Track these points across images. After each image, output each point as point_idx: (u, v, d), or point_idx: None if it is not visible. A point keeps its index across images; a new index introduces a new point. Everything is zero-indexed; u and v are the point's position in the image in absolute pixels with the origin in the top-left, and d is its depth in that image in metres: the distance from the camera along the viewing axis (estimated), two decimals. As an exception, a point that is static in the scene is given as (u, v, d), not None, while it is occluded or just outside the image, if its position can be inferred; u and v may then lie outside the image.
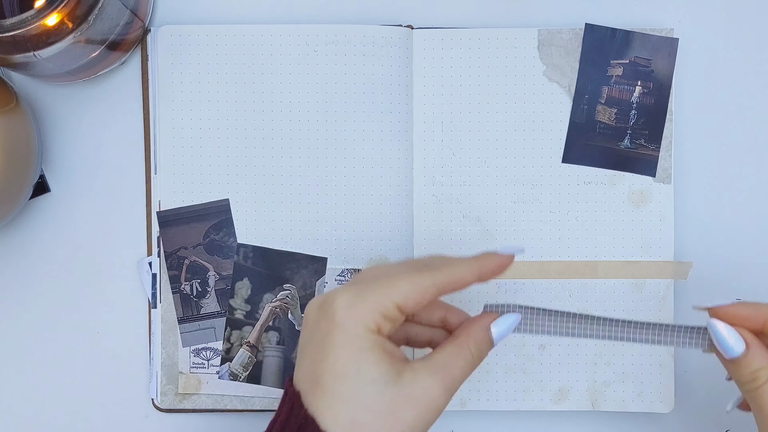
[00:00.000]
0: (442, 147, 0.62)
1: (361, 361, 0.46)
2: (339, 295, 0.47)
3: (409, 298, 0.47)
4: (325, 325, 0.47)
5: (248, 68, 0.62)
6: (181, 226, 0.62)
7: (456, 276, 0.48)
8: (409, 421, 0.46)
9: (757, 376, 0.48)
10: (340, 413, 0.45)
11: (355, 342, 0.46)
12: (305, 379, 0.47)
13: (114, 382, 0.63)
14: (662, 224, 0.62)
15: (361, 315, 0.46)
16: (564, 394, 0.62)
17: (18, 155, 0.57)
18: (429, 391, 0.46)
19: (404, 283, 0.47)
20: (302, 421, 0.46)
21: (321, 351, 0.46)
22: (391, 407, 0.45)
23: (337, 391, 0.45)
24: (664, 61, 0.62)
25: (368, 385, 0.45)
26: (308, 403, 0.46)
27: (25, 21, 0.51)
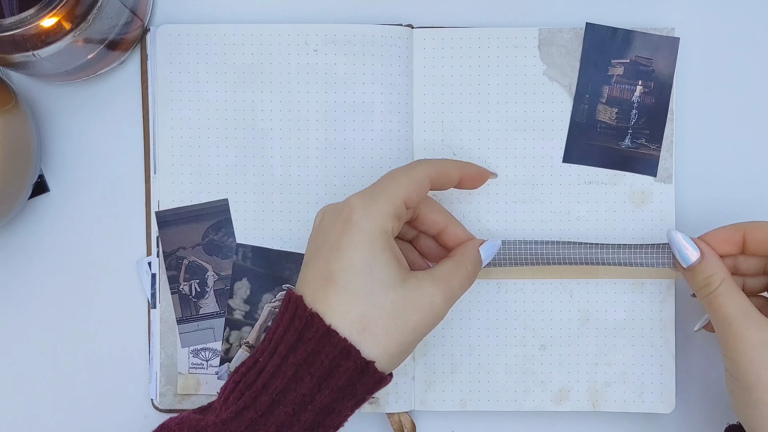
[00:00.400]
0: (442, 147, 0.62)
1: (373, 261, 0.50)
2: (353, 199, 0.51)
3: (411, 191, 0.52)
4: (341, 226, 0.51)
5: (248, 68, 0.62)
6: (180, 226, 0.62)
7: (445, 168, 0.54)
8: (412, 322, 0.50)
9: (710, 281, 0.54)
10: (352, 308, 0.49)
11: (370, 242, 0.50)
12: (314, 280, 0.50)
13: (113, 382, 0.63)
14: (663, 224, 0.62)
15: (376, 215, 0.50)
16: (564, 395, 0.62)
17: (17, 155, 0.57)
18: (431, 298, 0.51)
19: (405, 178, 0.52)
20: (307, 318, 0.49)
21: (336, 250, 0.50)
22: (397, 307, 0.50)
23: (350, 287, 0.49)
24: (665, 60, 0.61)
25: (378, 284, 0.50)
26: (313, 302, 0.50)
27: (24, 21, 0.51)
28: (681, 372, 0.63)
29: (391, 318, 0.50)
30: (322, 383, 0.49)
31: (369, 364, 0.49)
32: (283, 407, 0.49)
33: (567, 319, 0.62)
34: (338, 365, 0.49)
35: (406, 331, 0.50)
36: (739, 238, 0.55)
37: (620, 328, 0.62)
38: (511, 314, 0.62)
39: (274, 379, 0.49)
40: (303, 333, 0.49)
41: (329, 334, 0.49)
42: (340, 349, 0.49)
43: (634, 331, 0.62)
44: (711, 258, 0.55)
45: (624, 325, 0.62)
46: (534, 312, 0.62)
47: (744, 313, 0.53)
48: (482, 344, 0.62)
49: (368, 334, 0.49)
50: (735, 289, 0.54)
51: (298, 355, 0.49)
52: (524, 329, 0.62)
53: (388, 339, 0.49)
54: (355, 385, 0.49)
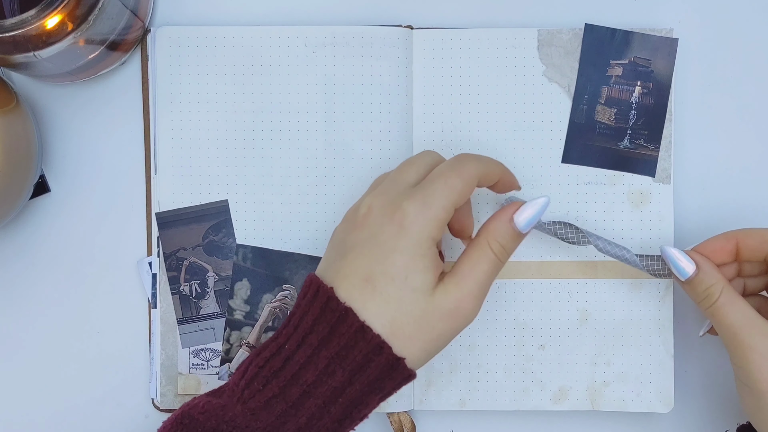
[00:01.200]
0: (442, 147, 0.62)
1: (410, 269, 0.50)
2: (407, 204, 0.50)
3: (464, 195, 0.51)
4: (391, 228, 0.50)
5: (248, 69, 0.62)
6: (180, 227, 0.62)
7: (490, 168, 0.53)
8: (438, 330, 0.51)
9: (710, 292, 0.54)
10: (384, 311, 0.50)
11: (415, 248, 0.50)
12: (352, 275, 0.50)
13: (114, 382, 0.63)
14: (662, 224, 0.62)
15: (427, 223, 0.50)
16: (563, 394, 0.62)
17: (18, 155, 0.57)
18: (458, 304, 0.51)
19: (458, 181, 0.51)
20: (341, 313, 0.49)
21: (381, 252, 0.50)
22: (425, 315, 0.50)
23: (385, 292, 0.50)
24: (664, 61, 0.62)
25: (411, 291, 0.50)
26: (348, 297, 0.50)
27: (25, 21, 0.51)
28: (679, 371, 0.63)
29: (417, 325, 0.50)
30: (354, 377, 0.50)
31: (400, 360, 0.50)
32: (314, 399, 0.49)
33: (566, 319, 0.62)
34: (370, 360, 0.49)
35: (430, 339, 0.51)
36: (732, 246, 0.56)
37: (619, 328, 0.62)
38: (510, 314, 0.62)
39: (305, 371, 0.50)
40: (336, 326, 0.50)
41: (363, 330, 0.49)
42: (374, 345, 0.49)
43: (633, 330, 0.62)
44: (708, 269, 0.55)
45: (623, 325, 0.62)
46: (533, 312, 0.62)
47: (748, 321, 0.53)
48: (481, 344, 0.62)
49: (396, 338, 0.50)
50: (736, 297, 0.54)
51: (331, 348, 0.49)
52: (523, 329, 0.62)
53: (413, 345, 0.50)
54: (385, 380, 0.50)
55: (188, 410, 0.50)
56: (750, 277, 0.58)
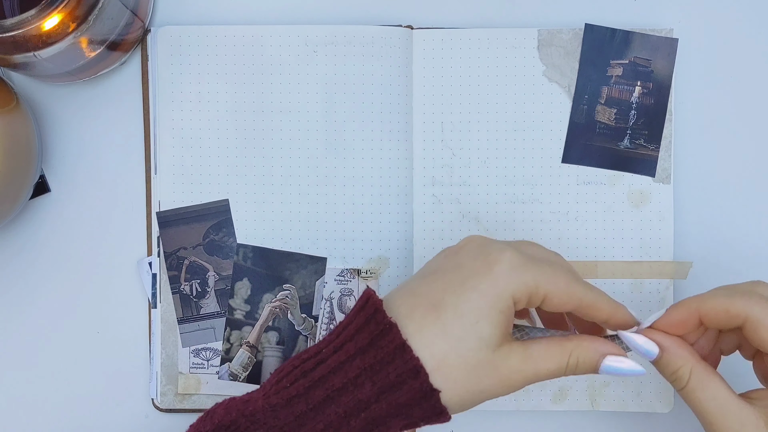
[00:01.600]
0: (442, 147, 0.62)
1: (484, 315, 0.47)
2: (509, 252, 0.48)
3: (557, 296, 0.48)
4: (481, 266, 0.48)
5: (248, 68, 0.62)
6: (181, 226, 0.62)
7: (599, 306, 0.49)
8: (483, 386, 0.48)
9: (678, 376, 0.49)
10: (439, 344, 0.47)
11: (494, 298, 0.47)
12: (424, 295, 0.48)
13: (114, 382, 0.63)
14: (662, 224, 0.62)
15: (515, 281, 0.48)
16: (563, 394, 0.62)
17: (18, 155, 0.57)
18: (512, 374, 0.48)
19: (563, 281, 0.48)
20: (385, 326, 0.47)
21: (460, 285, 0.48)
22: (478, 366, 0.47)
23: (448, 325, 0.47)
24: (664, 61, 0.62)
25: (475, 338, 0.47)
26: (406, 315, 0.48)
27: (25, 21, 0.51)
28: (679, 371, 0.63)
29: (466, 373, 0.47)
30: (382, 395, 0.47)
31: (435, 392, 0.47)
32: (336, 407, 0.47)
33: (566, 319, 0.62)
34: (404, 382, 0.47)
35: (474, 391, 0.48)
36: (695, 319, 0.50)
37: (619, 328, 0.62)
38: (511, 314, 0.62)
39: (334, 375, 0.48)
40: (377, 339, 0.48)
41: (403, 349, 0.47)
42: (411, 366, 0.47)
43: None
44: (673, 350, 0.50)
45: (623, 325, 0.62)
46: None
47: (722, 410, 0.48)
48: (482, 344, 0.62)
49: (439, 374, 0.47)
50: (707, 379, 0.49)
51: (366, 359, 0.47)
52: (523, 329, 0.62)
53: (455, 389, 0.47)
54: (413, 407, 0.48)
55: (214, 407, 0.49)
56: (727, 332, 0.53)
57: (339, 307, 0.62)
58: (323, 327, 0.62)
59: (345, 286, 0.62)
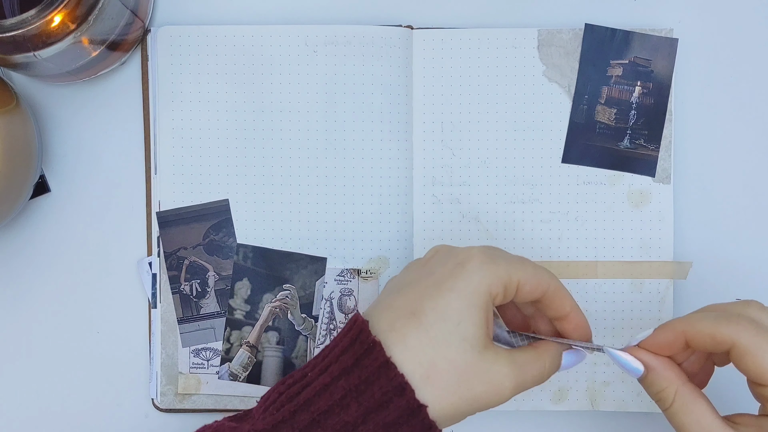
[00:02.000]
0: (442, 147, 0.62)
1: (465, 315, 0.47)
2: (476, 251, 0.49)
3: (528, 282, 0.49)
4: (452, 268, 0.48)
5: (248, 68, 0.62)
6: (181, 226, 0.62)
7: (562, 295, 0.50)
8: (475, 393, 0.47)
9: (662, 396, 0.49)
10: (426, 350, 0.46)
11: (471, 295, 0.47)
12: (400, 308, 0.48)
13: (114, 382, 0.63)
14: (662, 224, 0.62)
15: (488, 274, 0.48)
16: (563, 394, 0.62)
17: (18, 155, 0.57)
18: (502, 379, 0.48)
19: (530, 268, 0.49)
20: (369, 345, 0.47)
21: (435, 289, 0.48)
22: (467, 369, 0.47)
23: (432, 330, 0.47)
24: (664, 61, 0.62)
25: (460, 339, 0.47)
26: (387, 330, 0.47)
27: (25, 21, 0.51)
28: (679, 371, 0.63)
29: (457, 379, 0.47)
30: (369, 416, 0.46)
31: (422, 407, 0.46)
32: (322, 430, 0.46)
33: (566, 319, 0.62)
34: (390, 400, 0.46)
35: (466, 397, 0.47)
36: (681, 341, 0.49)
37: (619, 328, 0.62)
38: (511, 314, 0.62)
39: (319, 398, 0.47)
40: (361, 359, 0.47)
41: (387, 366, 0.46)
42: (396, 384, 0.46)
43: (633, 331, 0.62)
44: (659, 370, 0.49)
45: (623, 325, 0.62)
46: (533, 312, 0.62)
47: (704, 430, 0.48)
48: (482, 344, 0.62)
49: (429, 384, 0.46)
50: (692, 403, 0.48)
51: (351, 380, 0.46)
52: (523, 329, 0.62)
53: (447, 398, 0.47)
54: (401, 426, 0.46)
55: (202, 430, 0.49)
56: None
57: (339, 307, 0.62)
58: (323, 327, 0.62)
59: (345, 286, 0.62)
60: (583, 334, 0.52)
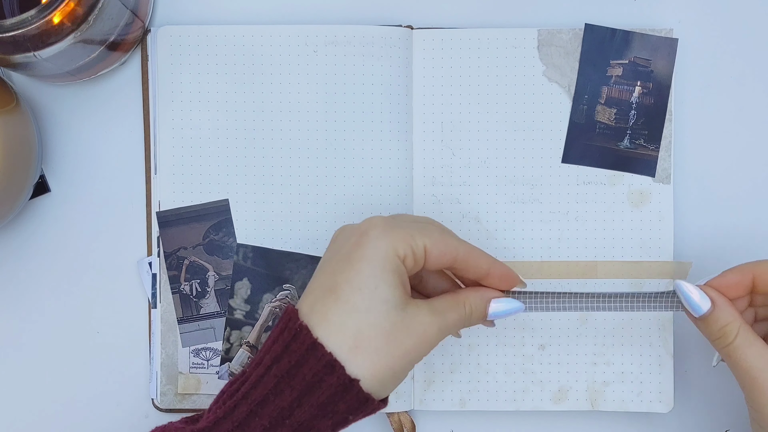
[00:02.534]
0: (442, 147, 0.62)
1: (380, 280, 0.48)
2: (375, 218, 0.50)
3: (435, 247, 0.50)
4: (356, 240, 0.49)
5: (248, 68, 0.62)
6: (181, 226, 0.62)
7: (476, 255, 0.51)
8: (406, 347, 0.49)
9: (726, 332, 0.51)
10: (349, 322, 0.48)
11: (381, 261, 0.48)
12: (316, 290, 0.49)
13: (114, 381, 0.63)
14: (662, 224, 0.62)
15: (393, 239, 0.49)
16: (563, 394, 0.62)
17: (18, 155, 0.57)
18: (426, 327, 0.49)
19: (436, 232, 0.50)
20: (296, 330, 0.48)
21: (346, 262, 0.49)
22: (394, 330, 0.48)
23: (350, 301, 0.48)
24: (664, 61, 0.62)
25: (381, 303, 0.48)
26: (309, 313, 0.48)
27: (25, 21, 0.51)
28: (679, 371, 0.63)
29: (385, 340, 0.48)
30: (303, 398, 0.47)
31: (353, 382, 0.47)
32: (260, 419, 0.47)
33: (566, 319, 0.62)
34: (321, 380, 0.47)
35: (397, 355, 0.48)
36: (748, 281, 0.52)
37: (619, 328, 0.62)
38: (511, 314, 0.62)
39: (255, 389, 0.48)
40: (290, 344, 0.48)
41: (314, 347, 0.47)
42: (324, 363, 0.47)
43: (633, 330, 0.62)
44: (724, 307, 0.51)
45: (623, 325, 0.62)
46: (533, 312, 0.62)
47: (766, 364, 0.50)
48: (481, 344, 0.62)
49: (359, 353, 0.47)
50: (753, 338, 0.51)
51: (282, 366, 0.48)
52: (523, 329, 0.62)
53: (379, 361, 0.48)
54: (337, 403, 0.48)
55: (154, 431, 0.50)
56: (761, 306, 0.55)
57: (339, 307, 0.62)
58: (323, 327, 0.62)
59: (345, 286, 0.62)
60: (511, 283, 0.53)
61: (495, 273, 0.52)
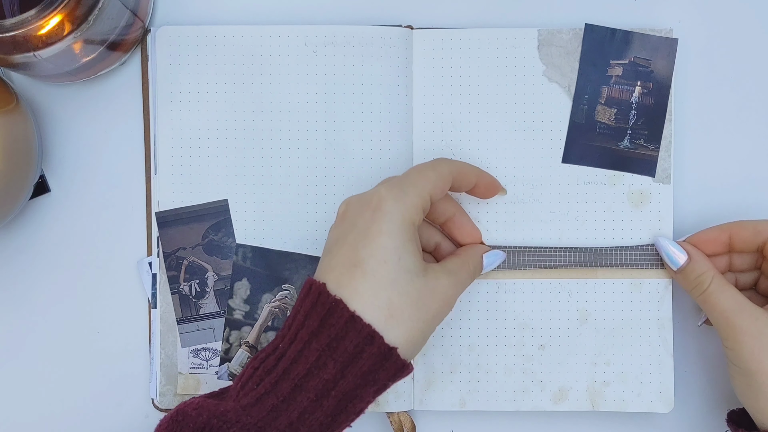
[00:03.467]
0: (442, 147, 0.62)
1: (402, 250, 0.51)
2: (383, 190, 0.52)
3: (437, 186, 0.54)
4: (371, 215, 0.52)
5: (248, 68, 0.62)
6: (180, 226, 0.62)
7: (465, 169, 0.56)
8: (432, 310, 0.52)
9: (701, 280, 0.57)
10: (380, 294, 0.50)
11: (400, 232, 0.51)
12: (339, 265, 0.51)
13: (114, 382, 0.63)
14: (662, 224, 0.62)
15: (406, 207, 0.52)
16: (563, 395, 0.62)
17: (18, 155, 0.57)
18: (447, 288, 0.53)
19: (432, 173, 0.54)
20: (331, 304, 0.50)
21: (365, 237, 0.51)
22: (420, 295, 0.51)
23: (378, 274, 0.50)
24: (664, 61, 0.62)
25: (405, 272, 0.51)
26: (337, 287, 0.50)
27: (25, 21, 0.51)
28: (679, 371, 0.63)
29: (415, 306, 0.51)
30: (345, 369, 0.49)
31: (392, 350, 0.50)
32: (306, 393, 0.49)
33: (566, 319, 0.62)
34: (362, 351, 0.49)
35: (427, 319, 0.52)
36: (726, 238, 0.58)
37: (619, 328, 0.62)
38: (510, 314, 0.62)
39: (296, 364, 0.50)
40: (326, 319, 0.50)
41: (353, 320, 0.49)
42: (365, 335, 0.49)
43: (633, 330, 0.62)
44: (699, 258, 0.57)
45: (622, 325, 0.62)
46: (533, 312, 0.62)
47: (738, 305, 0.55)
48: (481, 344, 0.62)
49: (394, 321, 0.50)
50: (725, 284, 0.56)
51: (321, 340, 0.50)
52: (523, 329, 0.62)
53: (413, 326, 0.51)
54: (378, 372, 0.50)
55: (183, 407, 0.50)
56: (741, 272, 0.60)
57: (339, 307, 0.62)
58: (323, 327, 0.62)
59: (345, 286, 0.62)
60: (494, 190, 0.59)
61: (482, 183, 0.57)
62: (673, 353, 0.62)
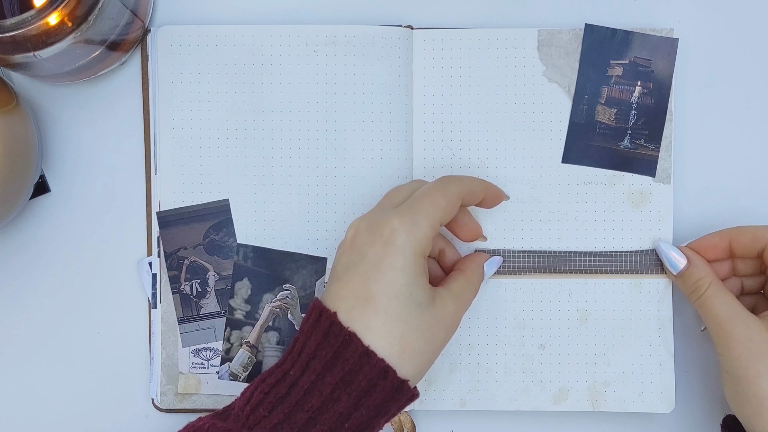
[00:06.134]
0: (442, 147, 0.62)
1: (414, 286, 0.51)
2: (395, 221, 0.52)
3: (448, 212, 0.54)
4: (383, 248, 0.51)
5: (248, 68, 0.62)
6: (181, 226, 0.62)
7: (473, 186, 0.56)
8: (440, 339, 0.53)
9: (698, 285, 0.57)
10: (392, 330, 0.50)
11: (412, 266, 0.51)
12: (350, 298, 0.51)
13: (114, 382, 0.63)
14: (662, 224, 0.62)
15: (418, 240, 0.52)
16: (564, 395, 0.62)
17: (18, 155, 0.57)
18: (452, 315, 0.54)
19: (442, 199, 0.53)
20: (345, 338, 0.50)
21: (377, 271, 0.51)
22: (429, 327, 0.52)
23: (390, 310, 0.50)
24: (664, 61, 0.62)
25: (416, 306, 0.51)
26: (348, 320, 0.50)
27: (25, 21, 0.51)
28: (680, 371, 0.63)
29: (425, 339, 0.51)
30: (359, 402, 0.50)
31: (404, 383, 0.50)
32: (320, 426, 0.50)
33: (566, 319, 0.62)
34: (375, 385, 0.50)
35: (436, 349, 0.53)
36: (726, 244, 0.58)
37: (619, 328, 0.62)
38: (510, 314, 0.62)
39: (310, 396, 0.50)
40: (340, 352, 0.50)
41: (367, 355, 0.50)
42: (379, 369, 0.50)
43: (633, 330, 0.62)
44: (698, 263, 0.58)
45: (623, 325, 0.62)
46: (533, 311, 0.62)
47: (731, 312, 0.56)
48: (481, 344, 0.62)
49: (405, 356, 0.50)
50: (722, 290, 0.57)
51: (336, 374, 0.50)
52: (523, 329, 0.62)
53: (423, 359, 0.52)
54: (390, 403, 0.51)
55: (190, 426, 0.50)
56: (746, 276, 0.60)
57: (339, 307, 0.62)
58: (323, 327, 0.62)
59: (345, 286, 0.62)
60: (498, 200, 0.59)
61: (488, 197, 0.57)
62: (673, 353, 0.62)
